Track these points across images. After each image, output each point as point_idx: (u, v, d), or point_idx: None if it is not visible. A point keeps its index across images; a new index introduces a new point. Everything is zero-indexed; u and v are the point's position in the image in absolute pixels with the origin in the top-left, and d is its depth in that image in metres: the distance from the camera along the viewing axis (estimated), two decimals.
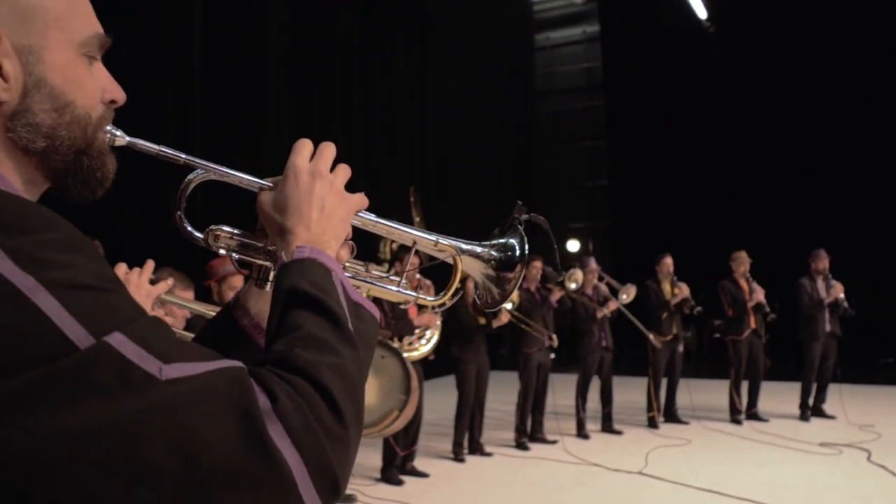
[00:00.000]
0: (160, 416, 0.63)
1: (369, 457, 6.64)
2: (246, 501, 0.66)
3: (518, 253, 1.16)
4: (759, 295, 8.28)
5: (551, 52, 19.28)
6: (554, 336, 7.52)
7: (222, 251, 1.06)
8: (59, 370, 0.60)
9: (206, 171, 1.01)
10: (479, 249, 1.18)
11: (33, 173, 0.82)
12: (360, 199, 1.05)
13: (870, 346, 12.42)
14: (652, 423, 8.30)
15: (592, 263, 8.16)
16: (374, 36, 12.39)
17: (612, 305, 7.87)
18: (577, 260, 8.29)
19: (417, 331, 6.15)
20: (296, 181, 0.96)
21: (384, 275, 1.19)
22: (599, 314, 7.84)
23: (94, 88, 0.85)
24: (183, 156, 1.00)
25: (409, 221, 6.18)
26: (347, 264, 1.13)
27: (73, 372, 0.61)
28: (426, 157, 14.26)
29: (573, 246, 19.33)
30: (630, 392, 9.40)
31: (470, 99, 15.27)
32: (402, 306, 4.24)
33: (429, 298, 1.24)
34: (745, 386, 8.56)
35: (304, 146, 1.00)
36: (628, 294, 8.11)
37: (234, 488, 0.65)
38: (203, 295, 4.21)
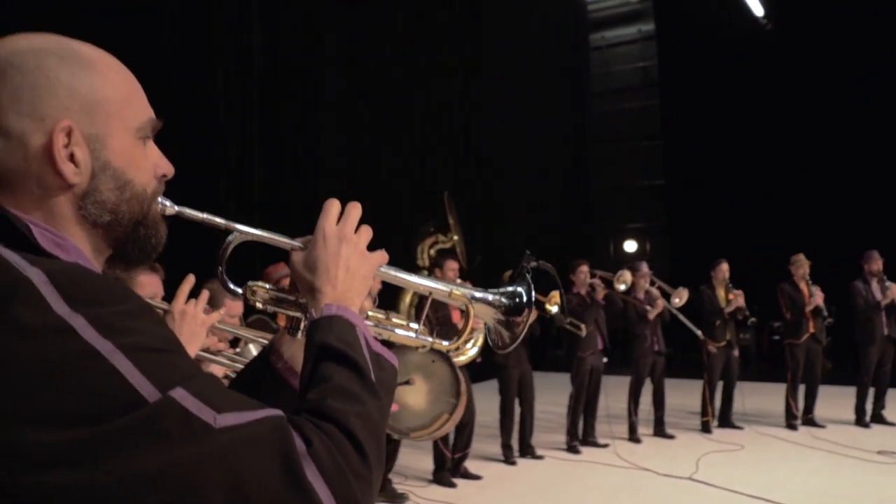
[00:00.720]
0: (215, 459, 0.75)
1: (421, 459, 6.80)
2: None
3: (525, 299, 1.26)
4: (818, 298, 8.16)
5: (606, 52, 19.20)
6: (605, 338, 7.59)
7: (258, 305, 1.20)
8: (133, 421, 0.72)
9: (244, 234, 1.15)
10: (490, 297, 1.28)
11: (99, 243, 0.95)
12: (381, 256, 1.17)
13: None
14: (705, 428, 8.25)
15: (644, 267, 8.17)
16: (425, 38, 12.52)
17: (660, 304, 7.84)
18: (629, 264, 8.29)
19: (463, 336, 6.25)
20: (324, 244, 1.09)
21: (403, 322, 1.31)
22: (650, 315, 7.85)
23: (149, 167, 0.98)
24: (223, 221, 1.13)
25: (445, 226, 6.33)
26: (370, 313, 1.25)
27: (143, 422, 0.73)
28: (479, 160, 14.35)
29: (630, 246, 19.22)
30: (685, 395, 9.36)
31: (523, 100, 15.31)
32: (421, 350, 4.41)
33: (444, 343, 1.35)
34: (802, 391, 8.46)
35: (332, 208, 1.12)
36: (680, 298, 8.10)
37: None
38: None
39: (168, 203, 1.04)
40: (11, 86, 0.86)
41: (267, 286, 1.21)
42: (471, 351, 6.39)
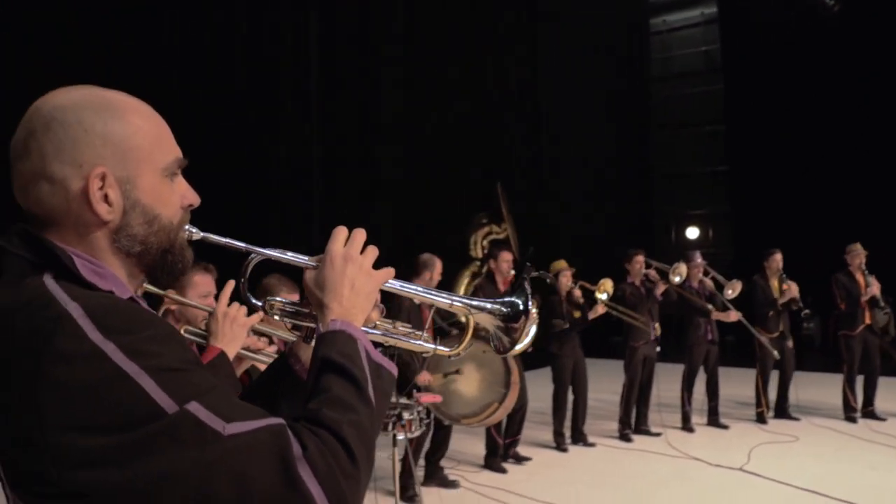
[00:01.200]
0: (224, 461, 0.91)
1: (474, 445, 6.99)
2: None
3: (522, 308, 1.39)
4: (875, 289, 8.03)
5: (668, 36, 18.95)
6: (657, 326, 7.63)
7: (276, 317, 1.38)
8: (155, 429, 0.89)
9: (262, 255, 1.32)
10: (488, 306, 1.41)
11: (133, 269, 1.12)
12: (386, 273, 1.30)
13: None
14: (760, 419, 8.24)
15: (698, 258, 8.16)
16: (484, 26, 12.62)
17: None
18: (683, 255, 8.27)
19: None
20: (332, 265, 1.22)
21: (410, 330, 1.46)
22: (715, 316, 7.85)
23: (175, 201, 1.14)
24: (244, 245, 1.30)
25: (498, 217, 6.44)
26: (378, 323, 1.39)
27: (164, 431, 0.89)
28: (541, 147, 14.41)
29: (692, 233, 19.02)
30: (741, 386, 9.32)
31: (584, 86, 15.28)
32: (425, 355, 4.56)
33: (445, 349, 1.49)
34: (861, 383, 8.34)
35: (340, 233, 1.26)
36: (734, 289, 8.05)
37: None
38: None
39: (194, 230, 1.20)
40: (55, 139, 1.03)
41: (283, 300, 1.38)
42: (523, 341, 6.54)
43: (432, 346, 1.47)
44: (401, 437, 4.31)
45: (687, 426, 7.91)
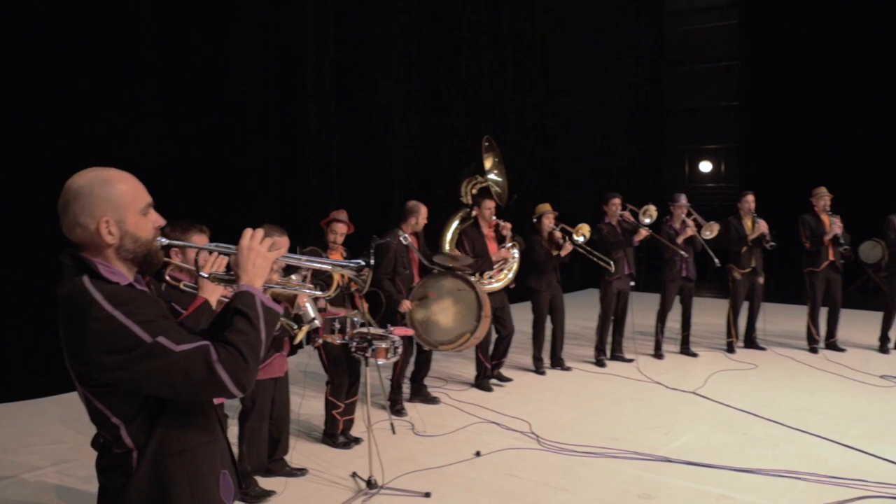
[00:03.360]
0: (176, 364, 1.78)
1: (465, 368, 7.99)
2: (210, 393, 1.84)
3: (364, 265, 2.28)
4: (837, 227, 8.63)
5: None
6: (630, 263, 8.40)
7: (215, 282, 2.34)
8: (141, 351, 1.77)
9: (204, 248, 2.29)
10: (351, 265, 2.29)
11: (130, 266, 1.98)
12: (276, 254, 2.13)
13: None
14: (730, 348, 9.05)
15: (682, 199, 8.83)
16: None
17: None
18: (670, 197, 8.92)
19: (496, 266, 7.27)
20: (241, 252, 2.05)
21: (301, 283, 2.37)
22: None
23: (149, 227, 1.98)
24: (188, 245, 2.33)
25: (481, 168, 7.21)
26: (276, 278, 2.30)
27: (145, 351, 1.77)
28: (551, 81, 14.86)
29: (706, 167, 19.48)
30: (717, 317, 10.09)
31: (598, 21, 15.71)
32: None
33: (318, 293, 2.41)
34: (826, 316, 9.04)
35: (246, 234, 2.08)
36: (711, 230, 8.72)
37: (205, 386, 1.81)
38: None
39: (163, 240, 2.05)
40: (80, 204, 1.88)
41: (221, 274, 2.32)
42: (504, 279, 7.40)
43: (307, 290, 2.41)
44: (381, 361, 5.20)
45: (658, 353, 8.77)
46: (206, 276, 2.33)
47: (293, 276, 2.67)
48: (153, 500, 1.89)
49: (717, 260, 8.60)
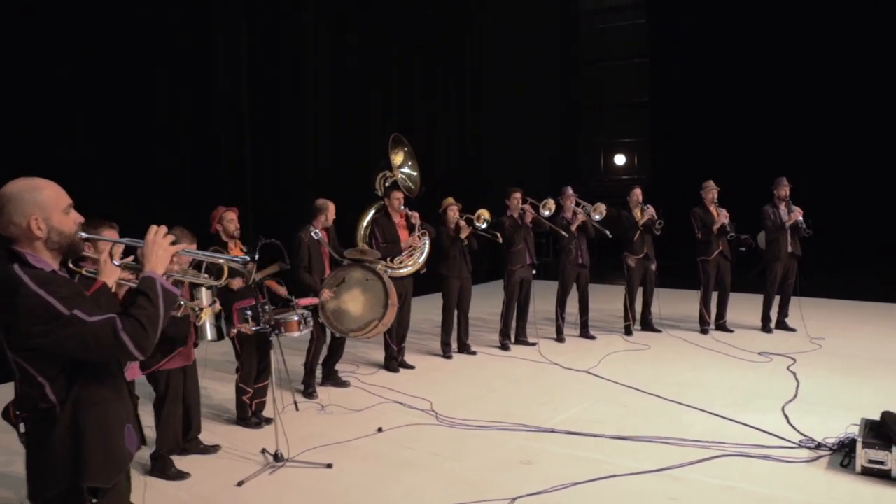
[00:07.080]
0: (88, 331, 2.20)
1: (374, 351, 8.40)
2: (117, 354, 2.28)
3: (248, 259, 2.76)
4: (723, 218, 9.37)
5: None
6: (531, 252, 8.95)
7: (125, 270, 2.73)
8: (61, 322, 2.18)
9: (118, 243, 2.65)
10: (238, 259, 2.74)
11: (56, 255, 2.39)
12: (175, 248, 2.55)
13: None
14: (627, 331, 9.71)
15: (569, 191, 9.42)
16: None
17: (580, 218, 9.09)
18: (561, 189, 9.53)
19: (406, 252, 7.75)
20: (147, 245, 2.47)
21: (198, 274, 2.78)
22: (573, 227, 9.10)
23: (71, 224, 2.40)
24: (93, 236, 2.63)
25: (388, 164, 7.68)
26: (176, 269, 2.72)
27: (65, 322, 2.18)
28: (478, 76, 15.36)
29: (620, 160, 20.37)
30: (616, 301, 10.76)
31: (518, 21, 16.28)
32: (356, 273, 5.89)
33: (214, 281, 2.83)
34: (716, 300, 9.78)
35: (152, 229, 2.51)
36: (600, 213, 9.40)
37: (112, 349, 2.24)
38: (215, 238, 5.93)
39: (83, 234, 2.47)
40: (13, 205, 2.29)
41: (131, 263, 2.74)
42: (413, 265, 7.87)
43: (201, 279, 2.82)
44: (295, 334, 5.88)
45: (559, 337, 9.37)
46: (118, 263, 2.74)
47: (190, 269, 3.19)
48: (72, 443, 2.32)
49: (608, 232, 9.27)
